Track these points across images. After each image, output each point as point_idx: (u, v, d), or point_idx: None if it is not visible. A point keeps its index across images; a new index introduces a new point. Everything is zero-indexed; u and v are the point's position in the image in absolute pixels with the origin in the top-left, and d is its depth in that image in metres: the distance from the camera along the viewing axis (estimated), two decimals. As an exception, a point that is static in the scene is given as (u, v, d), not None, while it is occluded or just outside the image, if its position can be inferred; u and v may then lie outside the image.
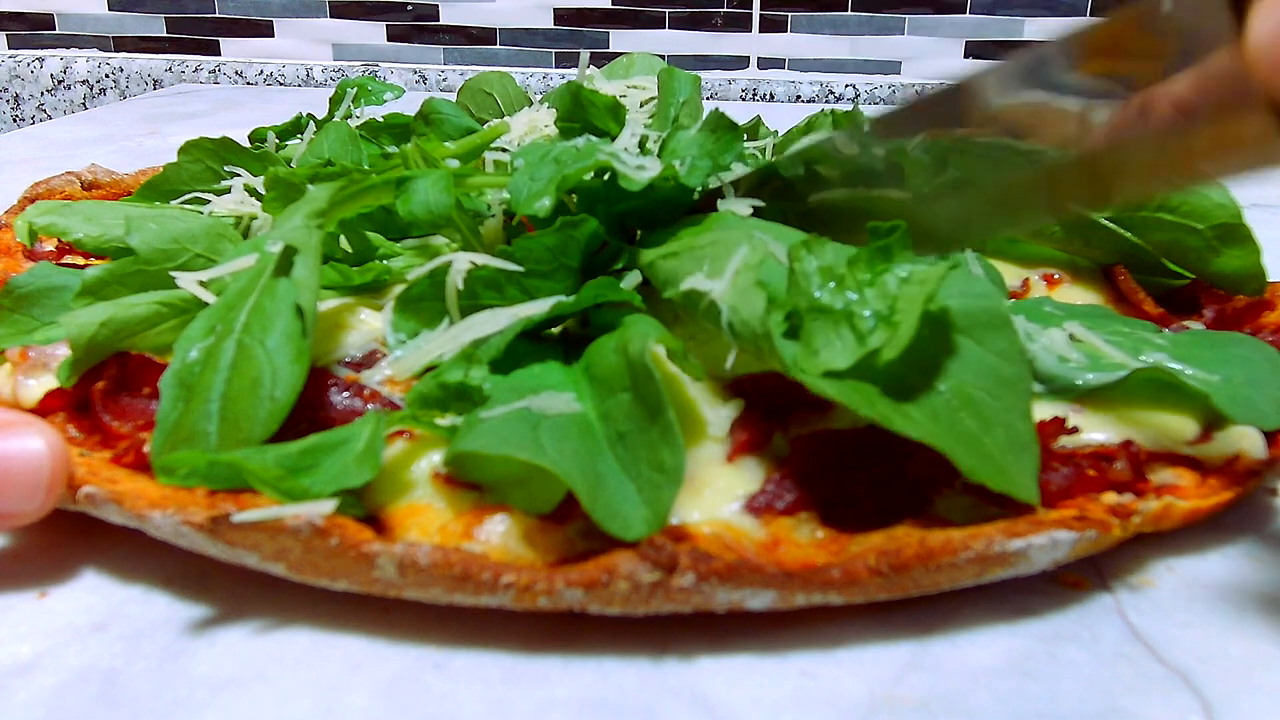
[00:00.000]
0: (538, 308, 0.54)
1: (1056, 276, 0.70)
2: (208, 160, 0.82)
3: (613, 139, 0.70)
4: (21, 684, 0.40)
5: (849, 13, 1.81)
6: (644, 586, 0.41)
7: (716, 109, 0.70)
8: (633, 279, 0.59)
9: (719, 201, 0.63)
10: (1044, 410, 0.51)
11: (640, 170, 0.60)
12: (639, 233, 0.64)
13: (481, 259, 0.56)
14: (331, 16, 1.89)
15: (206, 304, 0.54)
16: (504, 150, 0.77)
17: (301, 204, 0.58)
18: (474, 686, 0.41)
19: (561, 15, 1.86)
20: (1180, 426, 0.51)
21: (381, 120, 0.99)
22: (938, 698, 0.40)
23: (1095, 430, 0.51)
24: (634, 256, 0.61)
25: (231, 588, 0.46)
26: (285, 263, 0.53)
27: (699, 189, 0.63)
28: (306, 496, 0.43)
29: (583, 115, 0.70)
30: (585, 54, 0.76)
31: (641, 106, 0.93)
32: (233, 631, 0.43)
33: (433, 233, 0.67)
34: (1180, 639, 0.43)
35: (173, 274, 0.57)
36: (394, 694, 0.40)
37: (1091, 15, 1.78)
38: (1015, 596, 0.45)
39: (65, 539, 0.49)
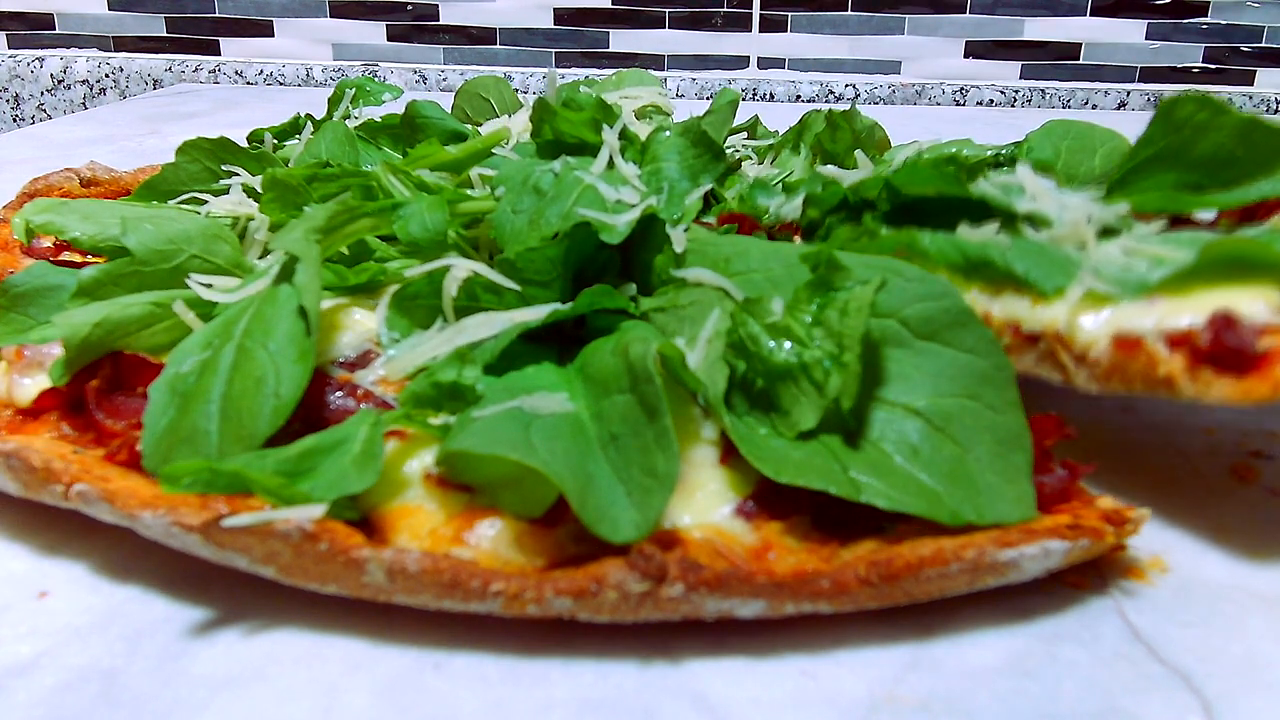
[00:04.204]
0: (534, 314, 0.54)
1: None
2: (205, 160, 0.82)
3: (592, 149, 0.70)
4: (21, 684, 0.40)
5: (849, 12, 1.81)
6: (633, 596, 0.41)
7: (697, 120, 0.70)
8: (629, 289, 0.59)
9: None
10: (1123, 313, 0.49)
11: (618, 208, 0.61)
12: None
13: (480, 268, 0.57)
14: (331, 16, 1.89)
15: (207, 306, 0.54)
16: (491, 154, 0.77)
17: (299, 222, 0.58)
18: (473, 686, 0.40)
19: (561, 15, 1.86)
20: (1267, 297, 0.47)
21: (379, 120, 0.99)
22: (938, 698, 0.40)
23: (1180, 315, 0.47)
24: (625, 266, 0.62)
25: (231, 588, 0.46)
26: (286, 271, 0.53)
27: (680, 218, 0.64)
28: (309, 503, 0.43)
29: (555, 127, 0.71)
30: (550, 72, 0.76)
31: (638, 118, 0.93)
32: (232, 631, 0.43)
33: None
34: (1180, 639, 0.43)
35: (188, 280, 0.57)
36: (394, 694, 0.40)
37: (1091, 16, 1.78)
38: (1015, 597, 0.45)
39: (65, 539, 0.49)
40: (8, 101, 1.93)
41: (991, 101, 1.81)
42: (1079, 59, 1.81)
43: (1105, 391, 0.50)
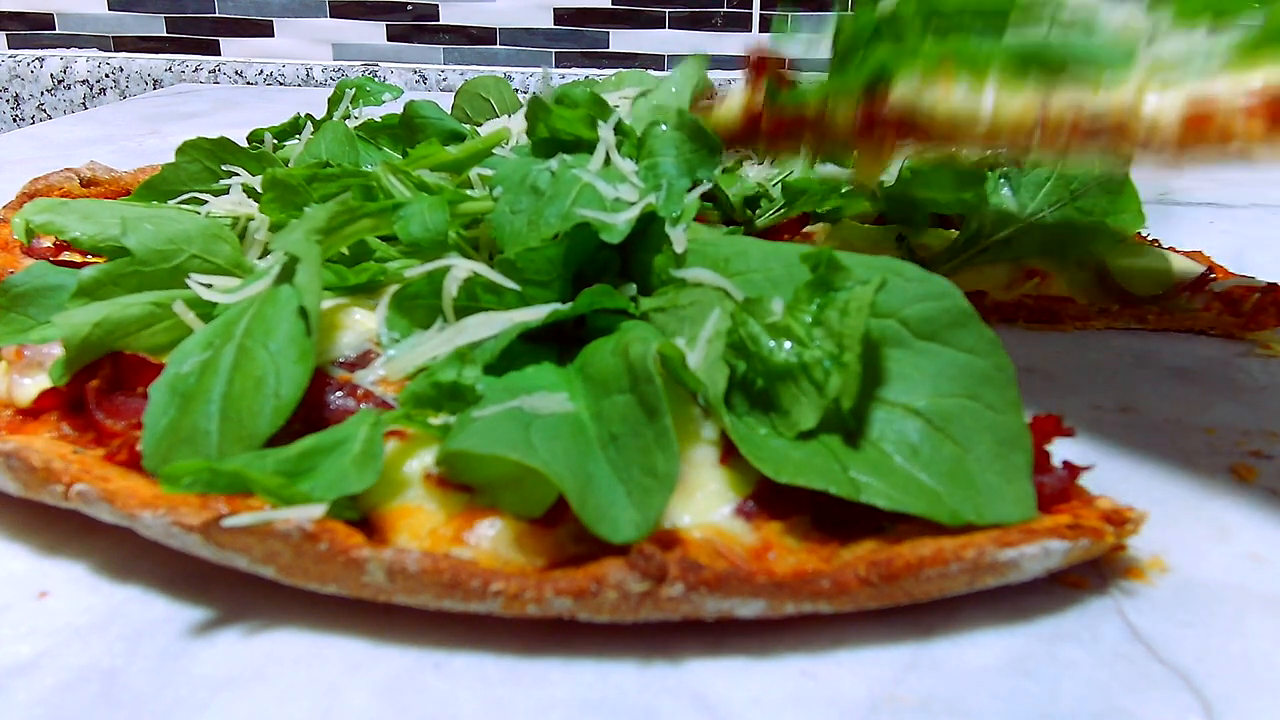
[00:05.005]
0: (534, 314, 0.54)
1: None
2: (205, 160, 0.82)
3: (588, 145, 0.70)
4: (21, 684, 0.40)
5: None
6: (633, 596, 0.41)
7: (691, 114, 0.70)
8: (629, 289, 0.59)
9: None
10: (1191, 87, 0.47)
11: (617, 206, 0.61)
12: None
13: (481, 268, 0.57)
14: (331, 16, 1.89)
15: (207, 306, 0.54)
16: (491, 154, 0.77)
17: (300, 222, 0.59)
18: (474, 686, 0.40)
19: (561, 15, 1.86)
20: None
21: (379, 120, 0.99)
22: (938, 698, 0.40)
23: (1252, 80, 0.45)
24: (625, 264, 0.62)
25: (231, 587, 0.46)
26: (286, 271, 0.53)
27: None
28: (309, 503, 0.43)
29: (550, 125, 0.71)
30: (544, 71, 0.75)
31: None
32: (232, 631, 0.43)
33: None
34: (1180, 639, 0.43)
35: (189, 280, 0.57)
36: (394, 694, 0.40)
37: (1091, 15, 1.78)
38: (1015, 596, 0.45)
39: (65, 539, 0.49)
40: (8, 101, 1.93)
41: (991, 101, 1.81)
42: (1079, 59, 1.81)
43: (1175, 168, 0.49)
